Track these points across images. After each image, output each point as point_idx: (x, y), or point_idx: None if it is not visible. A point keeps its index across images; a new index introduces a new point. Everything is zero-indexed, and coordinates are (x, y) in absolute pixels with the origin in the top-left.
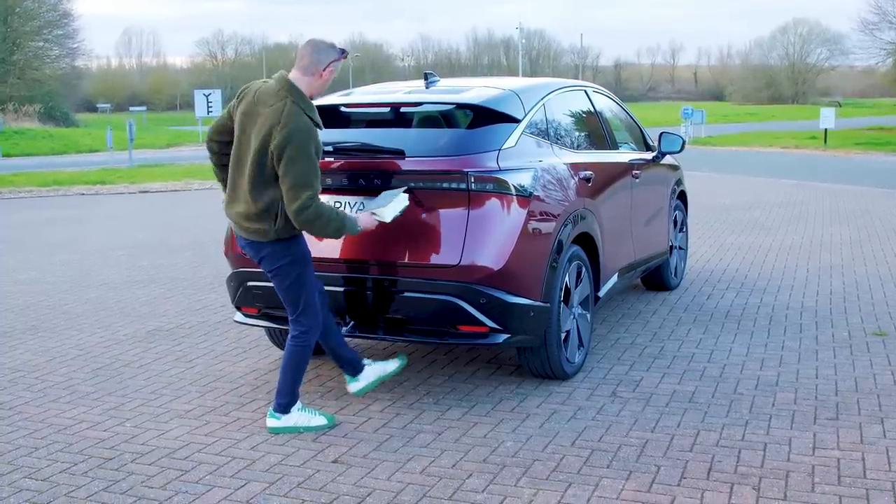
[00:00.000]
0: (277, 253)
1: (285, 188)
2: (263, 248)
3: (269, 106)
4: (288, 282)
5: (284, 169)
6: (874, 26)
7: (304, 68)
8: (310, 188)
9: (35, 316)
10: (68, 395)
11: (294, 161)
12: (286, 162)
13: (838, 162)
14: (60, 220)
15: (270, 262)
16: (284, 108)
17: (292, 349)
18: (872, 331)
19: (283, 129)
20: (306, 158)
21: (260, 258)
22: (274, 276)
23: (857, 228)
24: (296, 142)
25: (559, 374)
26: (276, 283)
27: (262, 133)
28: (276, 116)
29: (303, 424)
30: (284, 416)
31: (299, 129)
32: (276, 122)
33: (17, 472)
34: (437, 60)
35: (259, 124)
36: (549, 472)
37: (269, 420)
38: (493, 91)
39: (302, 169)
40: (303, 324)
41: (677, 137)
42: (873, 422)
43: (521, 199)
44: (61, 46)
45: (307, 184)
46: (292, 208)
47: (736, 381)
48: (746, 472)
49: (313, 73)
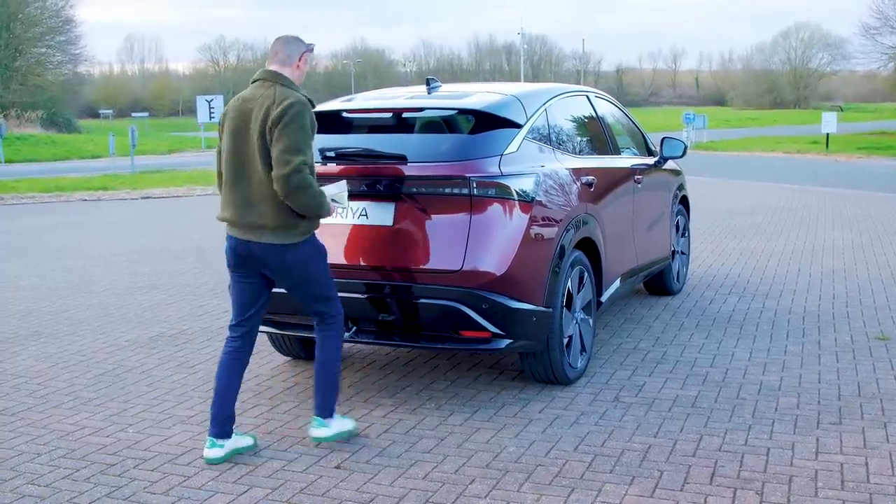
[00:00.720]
0: (307, 253)
1: (276, 153)
2: (290, 253)
3: (259, 96)
4: (319, 281)
5: (278, 135)
6: (876, 31)
7: (281, 61)
8: (303, 154)
9: (37, 322)
10: (71, 400)
11: (287, 127)
12: (280, 129)
13: (840, 166)
14: (62, 226)
15: (300, 266)
16: (276, 91)
17: (328, 341)
18: (875, 335)
19: (278, 105)
20: (301, 127)
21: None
22: (305, 281)
23: (860, 233)
24: (291, 111)
25: (562, 379)
26: (306, 288)
27: (259, 120)
28: (270, 98)
29: (344, 429)
30: (332, 421)
31: (294, 101)
32: (272, 102)
33: (20, 478)
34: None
35: (254, 116)
36: (552, 478)
37: (316, 430)
38: (495, 96)
39: (295, 135)
40: (334, 315)
41: (679, 142)
42: (876, 426)
43: (523, 204)
44: (64, 52)
45: (300, 150)
46: (283, 171)
47: (739, 386)
48: (750, 476)
49: (291, 65)
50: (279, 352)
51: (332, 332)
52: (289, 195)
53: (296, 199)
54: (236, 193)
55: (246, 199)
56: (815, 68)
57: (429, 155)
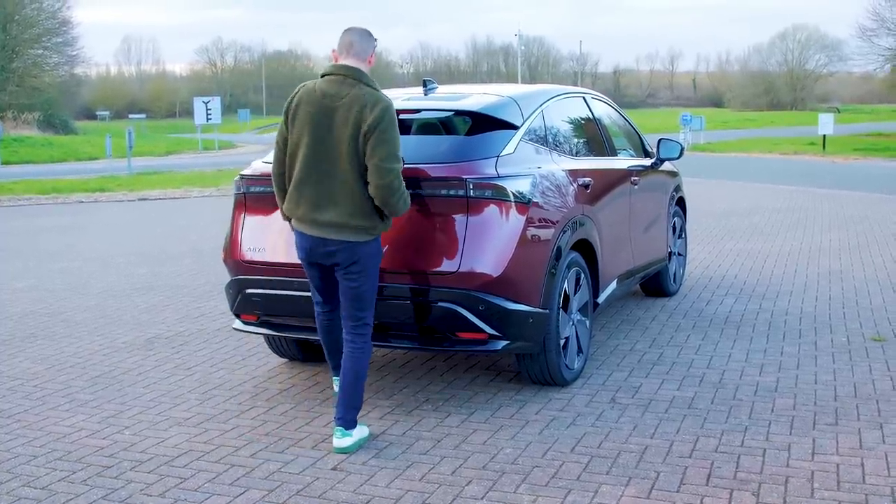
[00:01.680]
0: (373, 250)
1: (377, 160)
2: (360, 249)
3: (345, 95)
4: (371, 280)
5: (376, 142)
6: (872, 32)
7: (357, 54)
8: (399, 161)
9: (34, 324)
10: (67, 402)
11: (385, 133)
12: (378, 136)
13: (837, 168)
14: (59, 228)
15: (365, 261)
16: (365, 92)
17: (361, 348)
18: (871, 336)
19: (373, 109)
20: (397, 134)
21: (355, 259)
22: (362, 275)
23: (856, 234)
24: (387, 117)
25: (558, 380)
26: (359, 282)
27: (351, 122)
28: (360, 100)
29: (364, 436)
30: (354, 430)
31: (387, 105)
32: (364, 104)
33: (16, 480)
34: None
35: (341, 116)
36: (549, 479)
37: (340, 440)
38: (492, 98)
39: (394, 142)
40: (368, 323)
41: (676, 144)
42: (872, 427)
43: (519, 205)
44: (60, 54)
45: (398, 157)
46: (386, 180)
47: (735, 387)
48: (746, 477)
49: (364, 60)
50: (276, 353)
51: (367, 341)
52: (388, 203)
53: (395, 202)
54: (316, 190)
55: (327, 197)
56: (812, 70)
57: (425, 156)
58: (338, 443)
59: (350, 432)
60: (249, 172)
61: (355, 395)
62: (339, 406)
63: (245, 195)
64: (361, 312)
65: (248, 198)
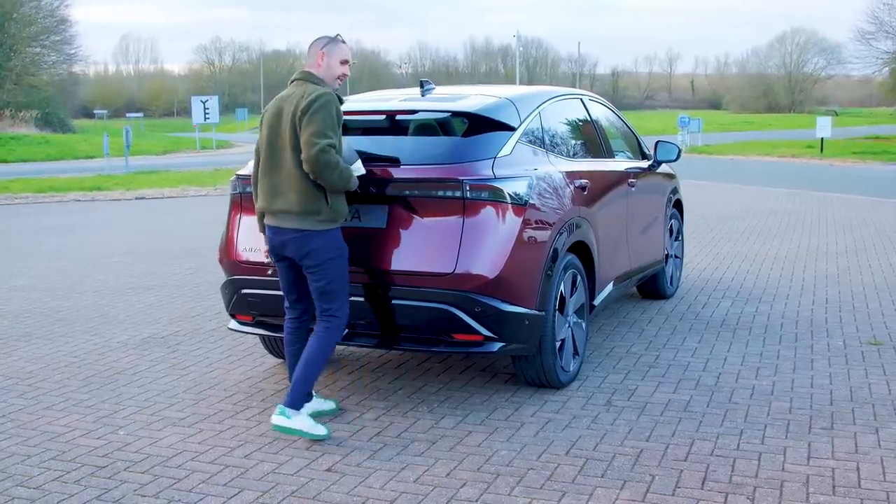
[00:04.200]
0: (329, 244)
1: (305, 137)
2: (314, 240)
3: (292, 94)
4: (332, 275)
5: (306, 122)
6: (871, 36)
7: (310, 64)
8: (328, 138)
9: (29, 323)
10: (62, 402)
11: (316, 114)
12: (308, 117)
13: (835, 171)
14: (56, 227)
15: (319, 254)
16: (307, 88)
17: (323, 336)
18: (867, 340)
19: (307, 97)
20: (328, 114)
21: (307, 251)
22: (319, 269)
23: (854, 238)
24: (319, 101)
25: (554, 382)
26: (318, 277)
27: (290, 114)
28: (301, 94)
29: (307, 430)
30: (296, 415)
31: (322, 92)
32: (301, 96)
33: (9, 479)
34: (435, 68)
35: (286, 111)
36: (544, 482)
37: (277, 417)
38: (489, 99)
39: (323, 122)
40: (337, 315)
41: (673, 146)
42: (868, 431)
43: (516, 207)
44: (58, 52)
45: (326, 134)
46: (312, 151)
47: (731, 391)
48: (741, 481)
49: (316, 65)
50: (271, 354)
51: (331, 329)
52: (318, 173)
53: (325, 175)
54: (268, 182)
55: (277, 187)
56: (811, 73)
57: (422, 157)
58: (273, 419)
59: (289, 414)
60: (245, 172)
61: (305, 375)
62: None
63: (241, 195)
64: (327, 305)
65: (244, 198)
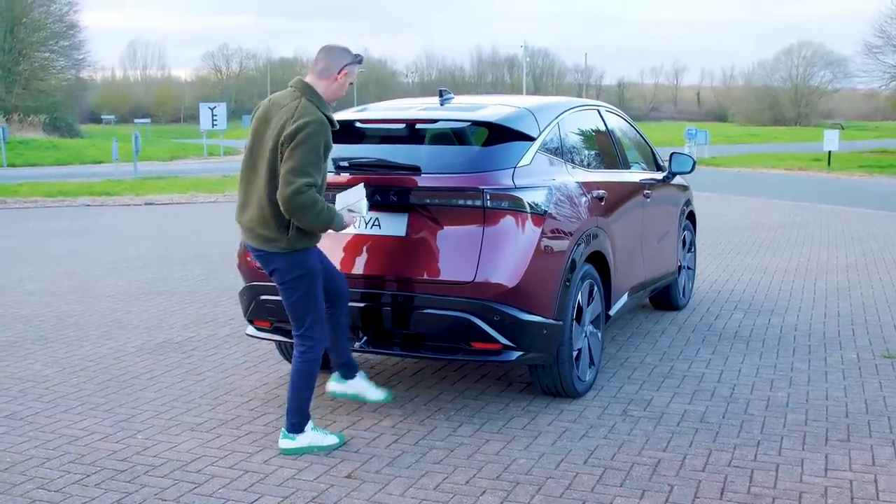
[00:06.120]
0: (290, 265)
1: (283, 172)
2: (276, 260)
3: (284, 106)
4: (297, 295)
5: (288, 154)
6: (878, 50)
7: (318, 72)
8: (308, 176)
9: (43, 326)
10: (79, 406)
11: (298, 147)
12: (291, 148)
13: (842, 184)
14: (66, 231)
15: (282, 274)
16: (299, 105)
17: (301, 365)
18: (881, 353)
19: (295, 121)
20: (311, 149)
21: (271, 270)
22: (285, 288)
23: (863, 251)
24: (305, 131)
25: (570, 392)
26: (284, 296)
27: (275, 130)
28: (290, 112)
29: (316, 444)
30: (299, 435)
31: (311, 120)
32: (289, 117)
33: (30, 482)
34: (441, 77)
35: (273, 125)
36: (563, 490)
37: (282, 441)
38: (509, 109)
39: (304, 157)
40: (310, 338)
41: (688, 158)
42: (885, 444)
43: (535, 217)
44: (67, 57)
45: (306, 172)
46: (287, 190)
47: (746, 402)
48: (760, 492)
49: (328, 77)
50: (287, 360)
51: (307, 352)
52: (292, 214)
53: (300, 218)
54: (244, 192)
55: (247, 199)
56: (817, 86)
57: (442, 166)
58: (280, 444)
59: (292, 436)
60: None
61: (295, 401)
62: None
63: None
64: (297, 325)
65: None
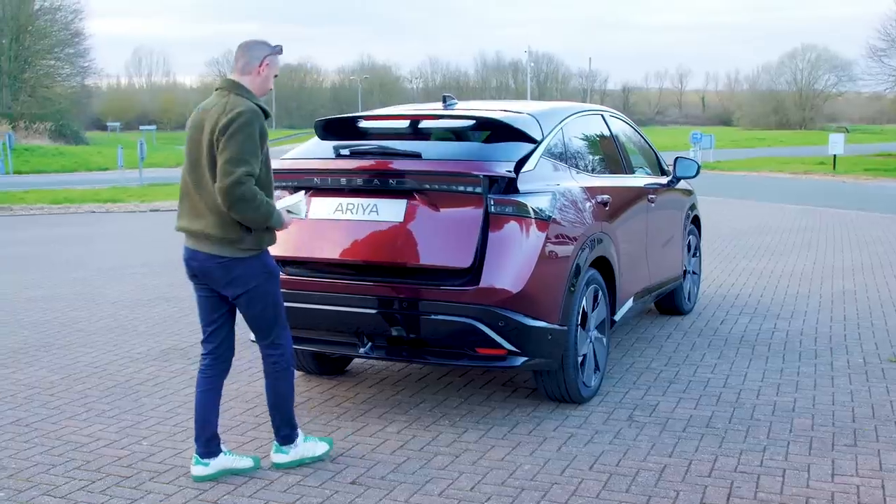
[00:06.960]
0: (253, 269)
1: (221, 162)
2: (235, 268)
3: (213, 106)
4: (265, 302)
5: (223, 145)
6: (883, 53)
7: (241, 69)
8: (247, 165)
9: (48, 333)
10: (84, 412)
11: (234, 136)
12: (226, 139)
13: (848, 187)
14: (72, 238)
15: (245, 281)
16: (228, 100)
17: (277, 375)
18: (888, 357)
19: (227, 114)
20: (248, 136)
21: (230, 279)
22: (249, 298)
23: (869, 255)
24: (238, 121)
25: (576, 397)
26: (249, 306)
27: (209, 130)
28: (220, 108)
29: (309, 455)
30: (292, 448)
31: (243, 109)
32: (221, 112)
33: (35, 489)
34: (445, 83)
35: (207, 127)
36: (568, 496)
37: (275, 456)
38: (512, 114)
39: (242, 145)
40: (279, 346)
41: (692, 162)
42: (892, 449)
43: (539, 222)
44: (72, 65)
45: (245, 160)
46: (226, 182)
47: (752, 407)
48: (766, 498)
49: (251, 72)
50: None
51: (279, 365)
52: (231, 206)
53: (239, 210)
54: (188, 202)
55: (196, 208)
56: (822, 89)
57: (443, 154)
58: (272, 457)
59: (285, 449)
60: None
61: (281, 413)
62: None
63: None
64: (265, 337)
65: None
